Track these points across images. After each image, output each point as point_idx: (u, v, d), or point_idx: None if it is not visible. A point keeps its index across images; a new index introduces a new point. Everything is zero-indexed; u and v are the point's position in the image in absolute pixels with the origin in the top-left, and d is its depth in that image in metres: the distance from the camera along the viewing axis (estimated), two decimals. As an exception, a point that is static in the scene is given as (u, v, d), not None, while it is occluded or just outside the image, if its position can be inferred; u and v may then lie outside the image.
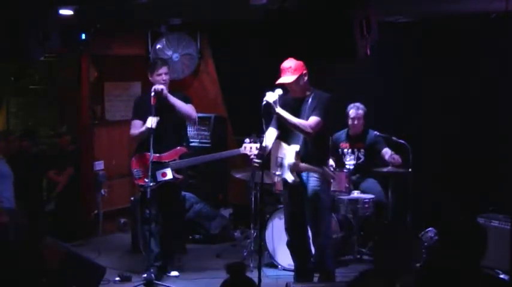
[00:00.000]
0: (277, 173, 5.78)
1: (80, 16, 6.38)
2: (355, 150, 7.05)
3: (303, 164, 5.55)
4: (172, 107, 6.18)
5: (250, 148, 6.19)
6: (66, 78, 8.29)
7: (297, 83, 5.54)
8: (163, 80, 6.22)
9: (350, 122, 7.05)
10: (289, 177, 5.62)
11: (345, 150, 7.07)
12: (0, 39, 5.24)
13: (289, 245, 5.88)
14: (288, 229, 5.84)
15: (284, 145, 5.73)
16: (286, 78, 5.53)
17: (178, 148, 6.34)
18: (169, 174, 6.22)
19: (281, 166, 5.73)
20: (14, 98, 8.75)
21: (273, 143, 5.77)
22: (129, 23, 7.90)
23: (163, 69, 6.26)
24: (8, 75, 8.49)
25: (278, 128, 5.72)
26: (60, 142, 8.08)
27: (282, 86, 5.66)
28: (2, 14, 5.22)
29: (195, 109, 6.43)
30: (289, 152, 5.62)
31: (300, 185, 5.61)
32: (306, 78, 5.57)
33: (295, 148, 5.57)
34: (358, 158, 7.01)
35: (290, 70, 5.52)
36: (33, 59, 5.87)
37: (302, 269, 5.84)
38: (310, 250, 5.86)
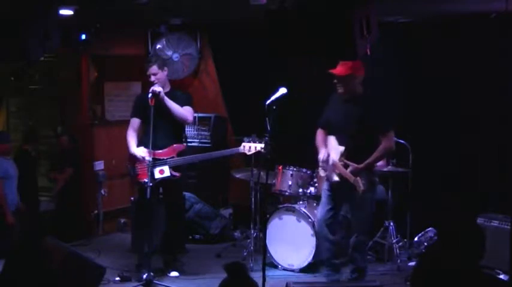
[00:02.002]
0: (324, 167, 5.85)
1: (80, 16, 6.39)
2: None
3: (341, 168, 5.64)
4: (168, 108, 6.19)
5: (249, 147, 6.23)
6: (66, 78, 8.29)
7: (348, 81, 5.67)
8: (153, 81, 6.25)
9: None
10: (332, 177, 5.75)
11: None
12: (0, 39, 5.24)
13: (321, 237, 6.00)
14: (322, 221, 5.92)
15: (333, 141, 5.80)
16: (339, 69, 5.66)
17: (176, 145, 6.33)
18: (166, 171, 6.22)
19: (327, 162, 5.78)
20: (14, 98, 8.74)
21: (328, 139, 5.90)
22: (129, 23, 7.91)
23: (151, 70, 6.28)
24: (8, 75, 8.48)
25: (328, 125, 5.86)
26: (59, 143, 8.08)
27: (286, 86, 5.76)
28: (2, 14, 5.22)
29: (192, 110, 6.43)
30: (335, 151, 5.71)
31: (344, 183, 5.67)
32: (357, 81, 5.70)
33: (341, 149, 5.66)
34: None
35: (345, 65, 5.64)
36: (33, 59, 5.87)
37: (331, 264, 5.93)
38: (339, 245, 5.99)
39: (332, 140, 5.83)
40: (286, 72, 7.01)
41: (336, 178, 5.73)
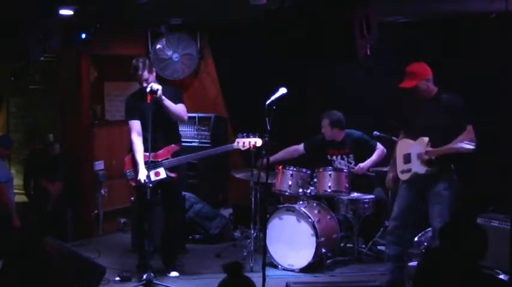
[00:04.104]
0: (405, 168, 5.73)
1: (80, 16, 6.39)
2: (344, 156, 7.04)
3: (435, 149, 5.49)
4: (165, 107, 6.14)
5: (243, 143, 6.24)
6: (66, 78, 8.29)
7: (419, 89, 5.60)
8: (145, 86, 6.06)
9: None
10: (421, 169, 5.58)
11: (334, 157, 7.06)
12: (0, 39, 5.24)
13: (391, 233, 5.88)
14: (397, 219, 5.81)
15: (409, 141, 5.73)
16: (406, 83, 5.63)
17: (171, 146, 6.29)
18: (162, 173, 6.19)
19: (409, 161, 5.70)
20: (14, 98, 8.74)
21: (398, 144, 5.88)
22: (129, 23, 7.91)
23: (143, 76, 6.10)
24: (8, 75, 8.48)
25: (405, 128, 5.85)
26: (51, 151, 7.93)
27: (286, 86, 5.74)
28: (2, 14, 5.22)
29: (185, 106, 6.35)
30: (418, 144, 5.60)
31: (428, 178, 5.57)
32: (428, 84, 5.63)
33: (425, 138, 5.55)
34: (349, 163, 6.99)
35: (411, 76, 5.62)
36: (33, 59, 5.86)
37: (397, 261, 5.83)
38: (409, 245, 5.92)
39: (406, 141, 5.78)
40: (286, 72, 7.01)
41: (425, 168, 5.56)
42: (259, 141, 6.24)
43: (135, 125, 6.22)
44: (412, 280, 3.75)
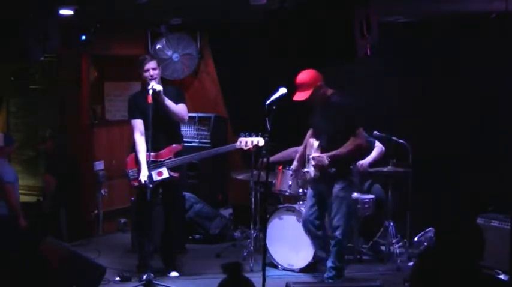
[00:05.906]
0: (305, 169, 6.07)
1: (80, 16, 6.39)
2: None
3: (316, 155, 5.79)
4: (165, 107, 6.14)
5: (245, 142, 6.26)
6: (66, 78, 8.28)
7: (314, 96, 5.82)
8: (151, 76, 6.04)
9: None
10: (311, 172, 5.89)
11: None
12: (0, 39, 5.25)
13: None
14: (306, 221, 6.11)
15: (313, 142, 5.98)
16: (301, 95, 5.82)
17: (173, 145, 6.29)
18: (165, 173, 6.19)
19: (308, 161, 5.99)
20: (14, 98, 8.74)
21: (307, 143, 6.15)
22: (129, 23, 7.91)
23: (151, 64, 6.09)
24: (8, 75, 8.48)
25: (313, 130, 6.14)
26: (45, 146, 7.91)
27: (286, 86, 5.83)
28: (2, 14, 5.23)
29: (187, 107, 6.36)
30: (312, 147, 5.91)
31: (323, 180, 5.83)
32: (322, 89, 5.86)
33: (315, 143, 5.88)
34: None
35: (304, 86, 5.80)
36: (33, 59, 5.87)
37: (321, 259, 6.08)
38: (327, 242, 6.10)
39: (312, 142, 6.01)
40: (286, 72, 7.01)
41: (313, 172, 5.89)
42: (261, 141, 6.26)
43: (138, 124, 6.21)
44: (409, 280, 3.74)
